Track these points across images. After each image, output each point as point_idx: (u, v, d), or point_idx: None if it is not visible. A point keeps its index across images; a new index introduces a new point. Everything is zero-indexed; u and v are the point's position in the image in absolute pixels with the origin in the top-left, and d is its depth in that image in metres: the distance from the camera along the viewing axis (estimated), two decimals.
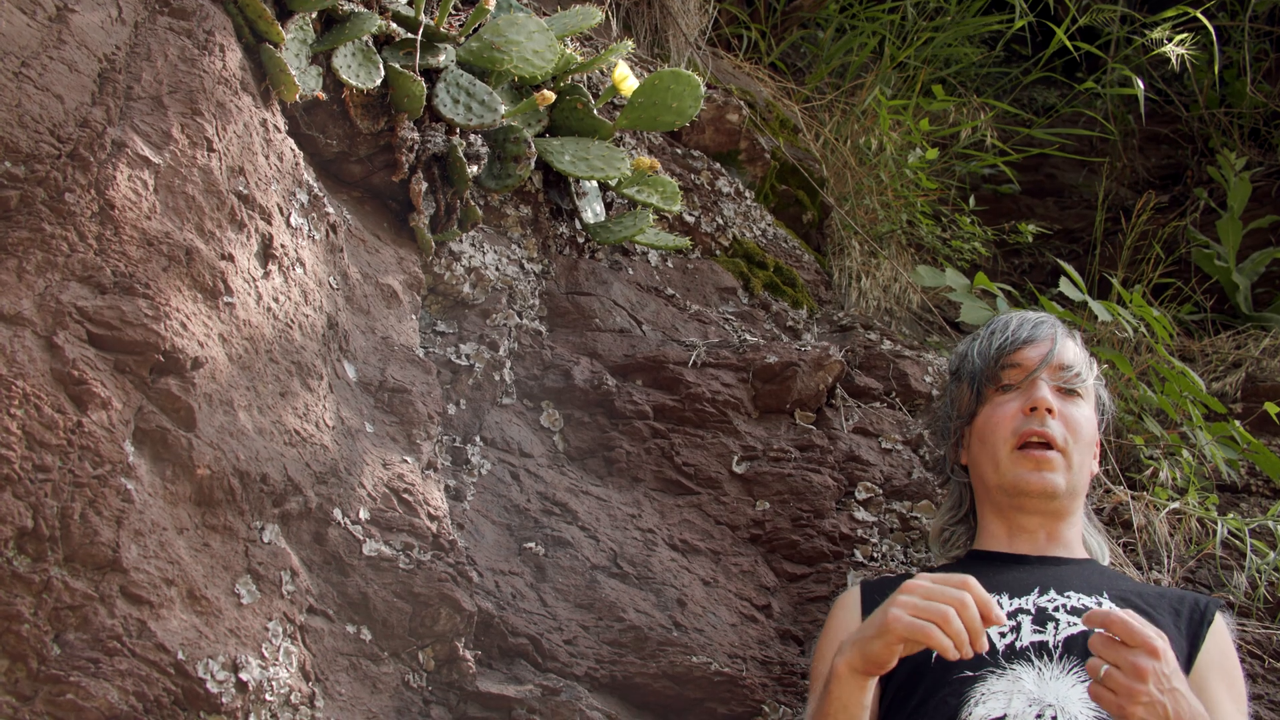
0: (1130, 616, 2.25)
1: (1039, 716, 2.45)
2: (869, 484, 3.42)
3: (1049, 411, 2.85)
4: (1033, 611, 2.63)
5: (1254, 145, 6.45)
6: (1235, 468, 4.02)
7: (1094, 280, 5.62)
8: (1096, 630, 2.28)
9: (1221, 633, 2.67)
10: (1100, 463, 3.22)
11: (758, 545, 3.29)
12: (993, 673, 2.53)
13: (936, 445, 3.43)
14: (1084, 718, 2.43)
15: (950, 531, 3.06)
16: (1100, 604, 2.61)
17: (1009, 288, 4.74)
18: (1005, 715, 2.46)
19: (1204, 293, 5.59)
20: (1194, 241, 5.81)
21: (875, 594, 2.83)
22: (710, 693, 2.94)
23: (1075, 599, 2.64)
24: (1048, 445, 2.85)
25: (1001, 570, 2.79)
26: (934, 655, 2.61)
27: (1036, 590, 2.68)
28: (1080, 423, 2.89)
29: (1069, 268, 4.42)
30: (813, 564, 3.28)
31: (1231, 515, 3.73)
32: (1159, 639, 2.23)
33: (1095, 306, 4.14)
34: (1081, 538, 2.96)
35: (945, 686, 2.57)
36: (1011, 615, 2.63)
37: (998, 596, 2.68)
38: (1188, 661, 2.57)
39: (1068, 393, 2.92)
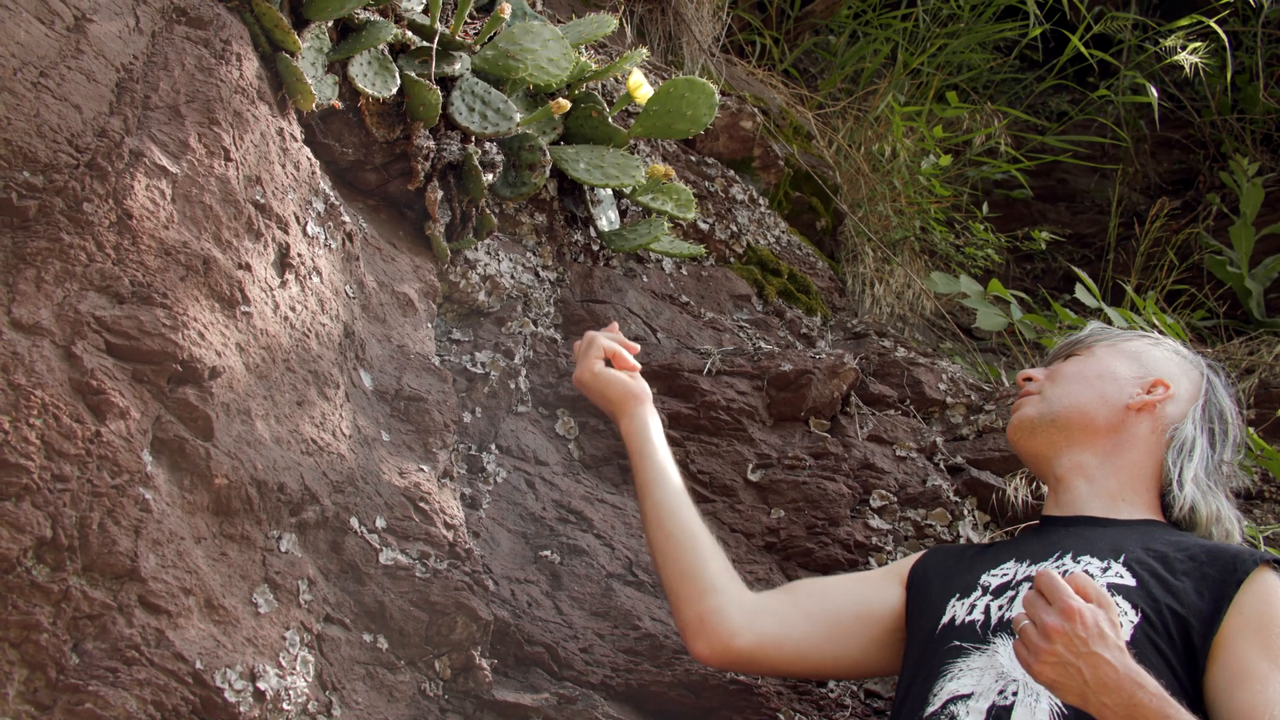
0: (1072, 577, 2.18)
1: (1001, 692, 2.41)
2: (884, 492, 3.42)
3: (1026, 380, 2.90)
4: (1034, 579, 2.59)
5: (1266, 151, 6.45)
6: (1249, 473, 4.01)
7: (1107, 286, 5.62)
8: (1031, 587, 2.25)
9: (1260, 590, 2.47)
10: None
11: (773, 553, 3.29)
12: (978, 648, 2.50)
13: None
14: (1045, 692, 2.38)
15: None
16: (1109, 567, 2.55)
17: (1022, 294, 4.74)
18: (973, 693, 2.44)
19: (1217, 299, 5.59)
20: (1207, 247, 5.81)
21: (940, 551, 2.90)
22: (726, 701, 2.94)
23: (1084, 563, 2.57)
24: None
25: (1044, 535, 2.73)
26: (939, 626, 2.61)
27: (1055, 555, 2.62)
28: (1065, 372, 2.88)
29: (1084, 275, 4.42)
30: (827, 572, 3.27)
31: (1246, 522, 3.72)
32: (1077, 601, 2.16)
33: (1111, 313, 4.14)
34: (1153, 497, 2.82)
35: (934, 657, 2.55)
36: (1016, 585, 2.60)
37: (1019, 565, 2.66)
38: (1209, 624, 2.43)
39: (1065, 359, 2.93)
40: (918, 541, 3.34)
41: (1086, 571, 2.52)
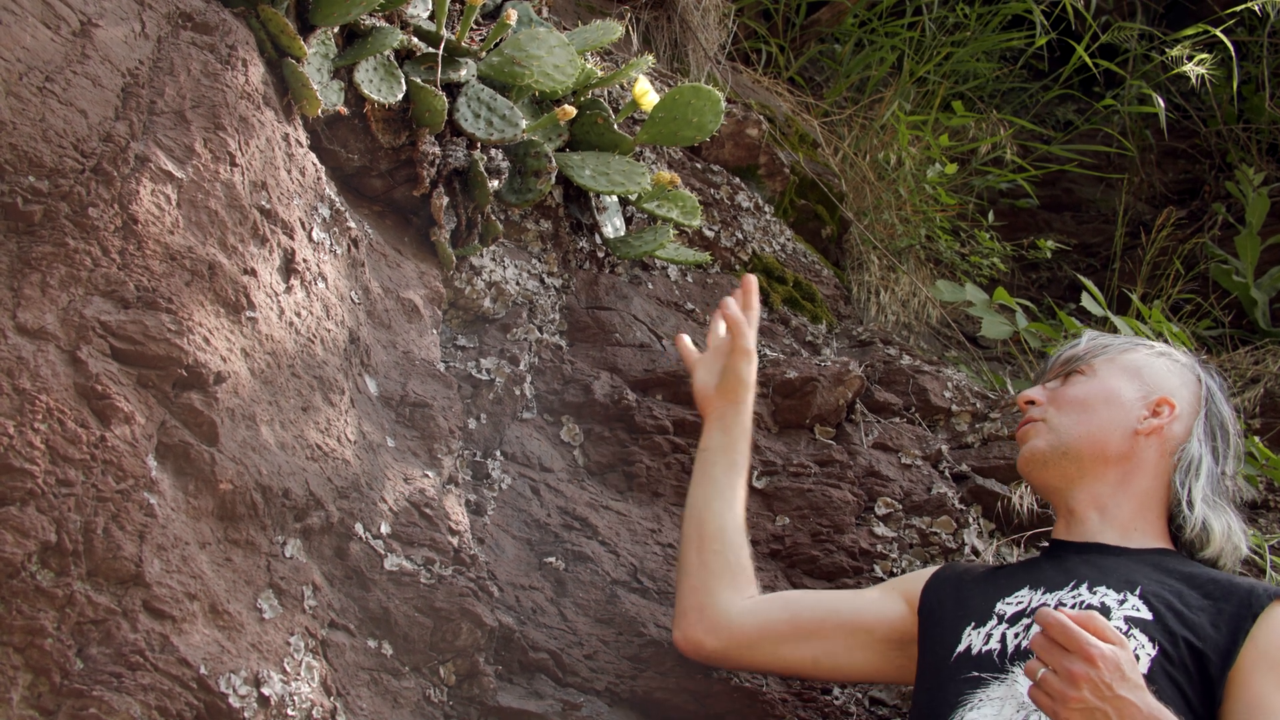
0: (1083, 618, 2.18)
1: None
2: (889, 499, 3.41)
3: (1029, 404, 2.88)
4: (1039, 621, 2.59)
5: (1272, 160, 6.44)
6: (1254, 484, 4.01)
7: (1113, 296, 5.61)
8: (1039, 631, 2.25)
9: (1275, 625, 2.50)
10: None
11: (777, 560, 3.29)
12: (996, 678, 2.50)
13: None
14: None
15: None
16: (1125, 600, 2.55)
17: (1027, 303, 4.73)
18: None
19: (1222, 308, 5.59)
20: (1212, 257, 5.80)
21: (949, 573, 2.87)
22: (731, 707, 2.93)
23: (1100, 595, 2.56)
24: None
25: (1058, 561, 2.73)
26: (954, 655, 2.60)
27: (1071, 585, 2.62)
28: (1070, 395, 2.84)
29: (1089, 283, 4.42)
30: (832, 579, 3.27)
31: (1251, 531, 3.71)
32: (1098, 646, 2.17)
33: (1116, 322, 4.14)
34: (1162, 522, 2.82)
35: (951, 686, 2.54)
36: (1031, 613, 2.60)
37: (1033, 593, 2.65)
38: (1226, 657, 2.46)
39: (1066, 378, 2.90)
40: (923, 549, 3.34)
41: (1104, 603, 2.52)
